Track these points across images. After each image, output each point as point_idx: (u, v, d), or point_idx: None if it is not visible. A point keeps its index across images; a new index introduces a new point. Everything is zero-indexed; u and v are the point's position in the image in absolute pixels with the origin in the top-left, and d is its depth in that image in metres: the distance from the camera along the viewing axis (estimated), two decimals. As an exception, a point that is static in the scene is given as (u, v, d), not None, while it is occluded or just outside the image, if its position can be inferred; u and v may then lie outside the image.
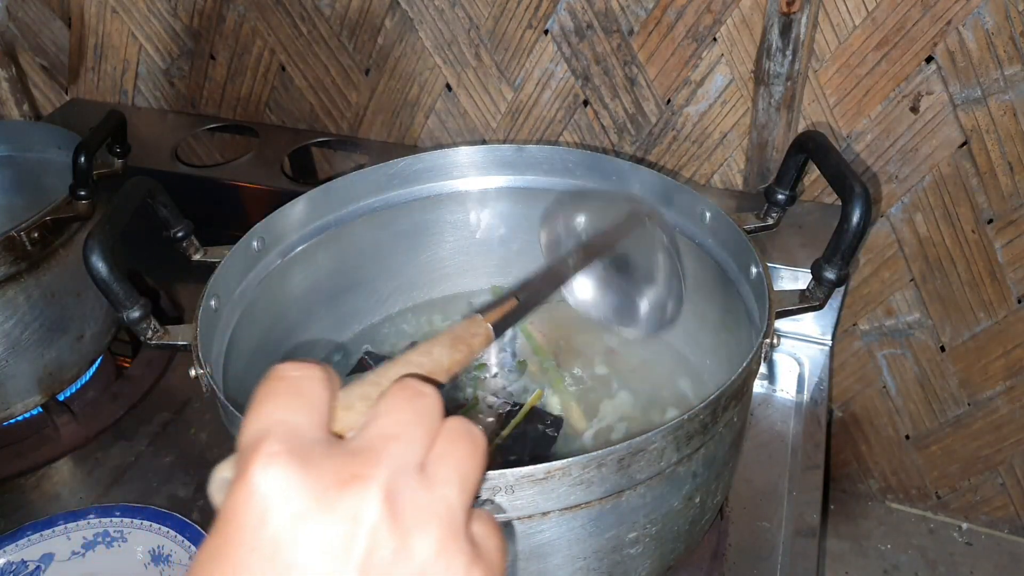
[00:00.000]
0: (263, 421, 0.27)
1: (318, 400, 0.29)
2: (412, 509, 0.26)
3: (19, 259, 0.79)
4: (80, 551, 0.75)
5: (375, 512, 0.26)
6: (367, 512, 0.26)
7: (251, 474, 0.26)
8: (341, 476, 0.26)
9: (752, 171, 1.03)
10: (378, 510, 0.26)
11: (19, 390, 0.85)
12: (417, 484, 0.27)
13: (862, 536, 1.29)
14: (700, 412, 0.52)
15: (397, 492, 0.26)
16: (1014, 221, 0.98)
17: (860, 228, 0.57)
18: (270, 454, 0.26)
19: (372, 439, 0.28)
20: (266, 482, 0.25)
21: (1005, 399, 1.13)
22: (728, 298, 0.69)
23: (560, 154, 0.78)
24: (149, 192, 0.68)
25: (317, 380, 0.29)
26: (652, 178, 0.74)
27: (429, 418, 0.29)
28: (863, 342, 1.16)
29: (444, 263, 0.86)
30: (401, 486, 0.27)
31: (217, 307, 0.65)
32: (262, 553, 0.25)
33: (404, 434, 0.28)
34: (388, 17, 1.08)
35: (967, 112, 0.93)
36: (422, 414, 0.29)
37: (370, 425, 0.28)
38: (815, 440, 0.85)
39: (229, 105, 1.24)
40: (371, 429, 0.28)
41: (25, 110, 1.27)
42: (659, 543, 0.58)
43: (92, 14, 1.22)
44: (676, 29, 0.97)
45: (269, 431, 0.27)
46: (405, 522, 0.26)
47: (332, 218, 0.77)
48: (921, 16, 0.88)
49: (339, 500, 0.26)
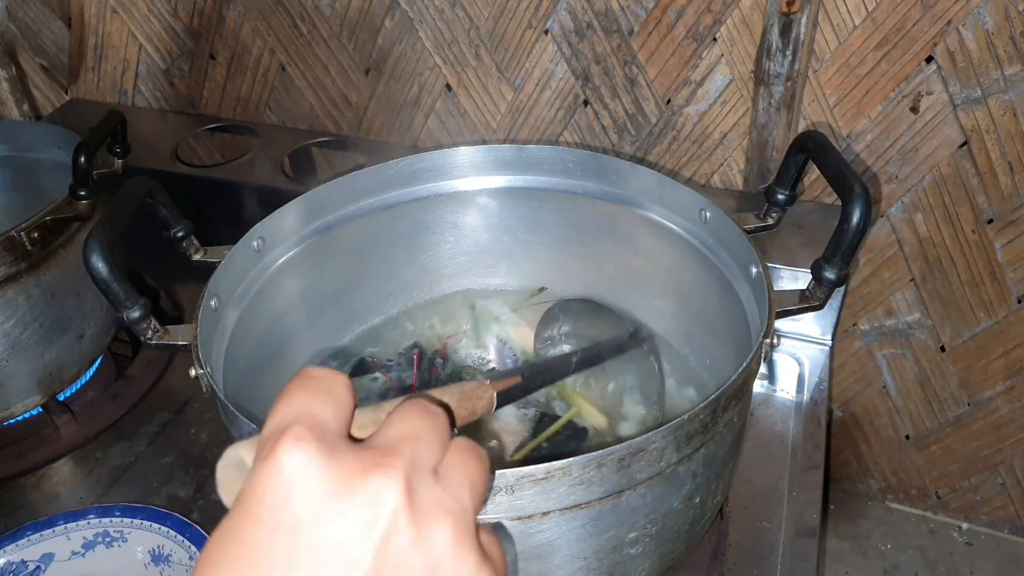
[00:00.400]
0: (293, 409, 0.28)
1: (344, 402, 0.30)
2: (430, 502, 0.27)
3: (19, 259, 0.79)
4: (80, 551, 0.75)
5: (395, 500, 0.26)
6: (388, 499, 0.26)
7: (279, 454, 0.26)
8: (364, 464, 0.27)
9: (752, 171, 1.03)
10: (398, 498, 0.26)
11: (19, 390, 0.85)
12: (433, 482, 0.28)
13: (862, 536, 1.29)
14: (700, 412, 0.52)
15: (416, 484, 0.27)
16: (1014, 221, 0.98)
17: (860, 228, 0.57)
18: (298, 437, 0.27)
19: (390, 438, 0.29)
20: (292, 463, 0.26)
21: (1005, 399, 1.13)
22: (728, 298, 0.69)
23: (560, 154, 0.78)
24: (149, 192, 0.68)
25: (345, 385, 0.30)
26: (652, 178, 0.74)
27: (442, 429, 0.30)
28: (863, 342, 1.16)
29: (444, 263, 0.86)
30: (419, 479, 0.28)
31: (217, 307, 0.65)
32: (283, 531, 0.26)
33: (420, 436, 0.29)
34: (388, 17, 1.08)
35: (967, 112, 0.93)
36: (435, 424, 0.30)
37: (386, 428, 0.29)
38: (815, 440, 0.85)
39: (229, 105, 1.24)
40: (388, 431, 0.29)
41: (25, 110, 1.27)
42: (659, 543, 0.58)
43: (92, 14, 1.22)
44: (676, 29, 0.97)
45: (298, 418, 0.28)
46: (423, 514, 0.27)
47: (332, 218, 0.77)
48: (921, 16, 0.88)
49: (362, 486, 0.26)
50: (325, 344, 0.82)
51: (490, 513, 0.50)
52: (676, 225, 0.74)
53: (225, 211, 1.08)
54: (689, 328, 0.78)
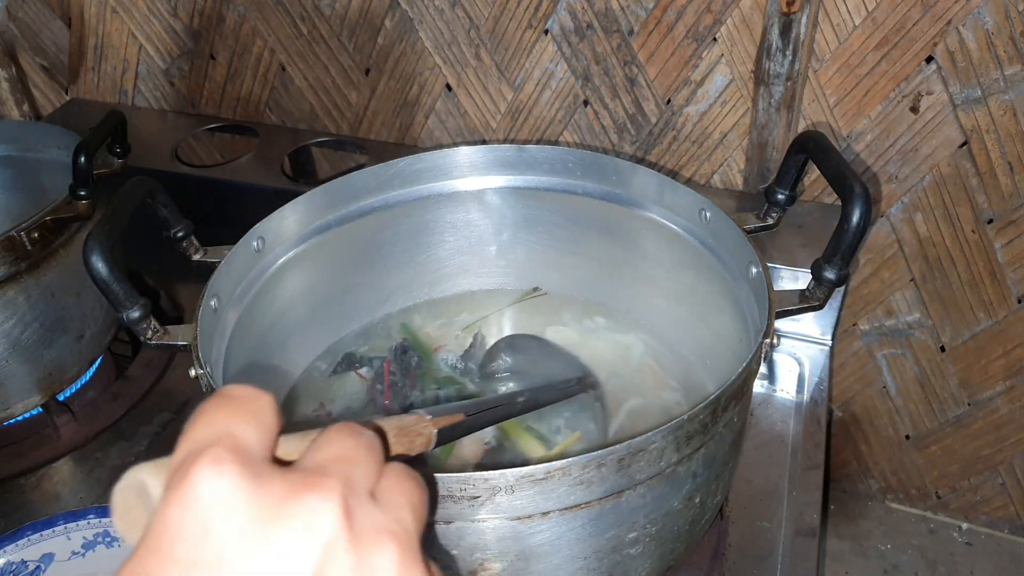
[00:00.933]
0: (211, 429, 0.25)
1: (268, 424, 0.27)
2: (370, 525, 0.25)
3: (19, 259, 0.79)
4: (80, 551, 0.74)
5: (332, 524, 0.24)
6: (324, 524, 0.24)
7: (194, 480, 0.23)
8: (294, 487, 0.24)
9: (752, 171, 1.03)
10: (336, 522, 0.24)
11: (19, 390, 0.85)
12: (371, 505, 0.26)
13: (862, 536, 1.29)
14: (700, 412, 0.52)
15: (354, 506, 0.25)
16: (1014, 221, 0.98)
17: (860, 228, 0.57)
18: (217, 460, 0.24)
19: (320, 460, 0.26)
20: (211, 490, 0.23)
21: (1005, 399, 1.13)
22: (728, 298, 0.69)
23: (560, 154, 0.78)
24: (149, 192, 0.68)
25: (269, 406, 0.27)
26: (652, 178, 0.74)
27: (376, 451, 0.28)
28: (863, 342, 1.16)
29: (444, 263, 0.86)
30: (356, 502, 0.25)
31: (217, 307, 0.65)
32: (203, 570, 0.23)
33: (353, 457, 0.27)
34: (388, 17, 1.08)
35: (967, 112, 0.93)
36: (368, 445, 0.28)
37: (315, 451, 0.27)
38: (815, 440, 0.85)
39: (229, 105, 1.24)
40: (317, 454, 0.27)
41: (25, 110, 1.27)
42: (659, 543, 0.58)
43: (92, 14, 1.22)
44: (676, 29, 0.97)
45: (217, 440, 0.25)
46: (364, 538, 0.24)
47: (332, 218, 0.77)
48: (921, 16, 0.88)
49: (294, 511, 0.24)
50: (325, 344, 0.82)
51: (490, 513, 0.50)
52: (676, 225, 0.74)
53: (225, 211, 1.08)
54: (689, 328, 0.78)
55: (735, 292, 0.68)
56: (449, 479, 0.48)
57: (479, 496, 0.48)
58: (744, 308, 0.66)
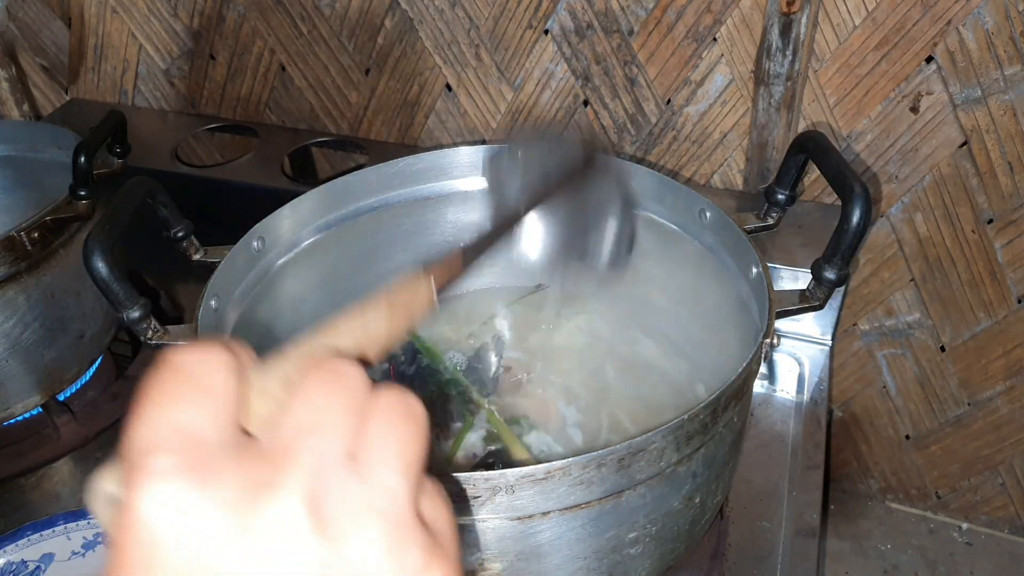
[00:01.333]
0: (151, 428, 0.23)
1: (222, 392, 0.24)
2: (344, 509, 0.23)
3: (19, 259, 0.79)
4: (80, 551, 0.74)
5: (297, 523, 0.22)
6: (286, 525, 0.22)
7: (135, 506, 0.21)
8: (249, 488, 0.22)
9: (752, 171, 1.03)
10: (300, 520, 0.22)
11: (19, 390, 0.85)
12: (347, 478, 0.23)
13: (862, 536, 1.29)
14: (700, 412, 0.52)
15: (322, 494, 0.23)
16: (1014, 221, 0.98)
17: (860, 228, 0.57)
18: (157, 473, 0.22)
19: (286, 436, 0.24)
20: (154, 511, 0.21)
21: (1005, 399, 1.13)
22: (728, 298, 0.69)
23: (560, 154, 0.78)
24: (149, 192, 0.68)
25: (220, 366, 0.25)
26: (652, 178, 0.74)
27: (353, 400, 0.25)
28: (863, 342, 1.16)
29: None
30: (326, 486, 0.23)
31: (217, 307, 0.65)
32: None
33: (323, 424, 0.24)
34: (388, 17, 1.08)
35: (967, 112, 0.93)
36: (344, 398, 0.25)
37: (284, 418, 0.24)
38: (815, 440, 0.85)
39: (229, 105, 1.24)
40: (285, 423, 0.24)
41: (25, 110, 1.27)
42: (659, 543, 0.58)
43: (92, 14, 1.22)
44: (676, 29, 0.97)
45: (159, 442, 0.22)
46: (340, 524, 0.22)
47: (332, 218, 0.77)
48: (921, 16, 0.88)
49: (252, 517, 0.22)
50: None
51: (490, 513, 0.50)
52: (676, 225, 0.74)
53: (225, 211, 1.08)
54: (689, 328, 0.78)
55: (735, 292, 0.68)
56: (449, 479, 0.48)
57: (479, 496, 0.48)
58: (744, 308, 0.66)
